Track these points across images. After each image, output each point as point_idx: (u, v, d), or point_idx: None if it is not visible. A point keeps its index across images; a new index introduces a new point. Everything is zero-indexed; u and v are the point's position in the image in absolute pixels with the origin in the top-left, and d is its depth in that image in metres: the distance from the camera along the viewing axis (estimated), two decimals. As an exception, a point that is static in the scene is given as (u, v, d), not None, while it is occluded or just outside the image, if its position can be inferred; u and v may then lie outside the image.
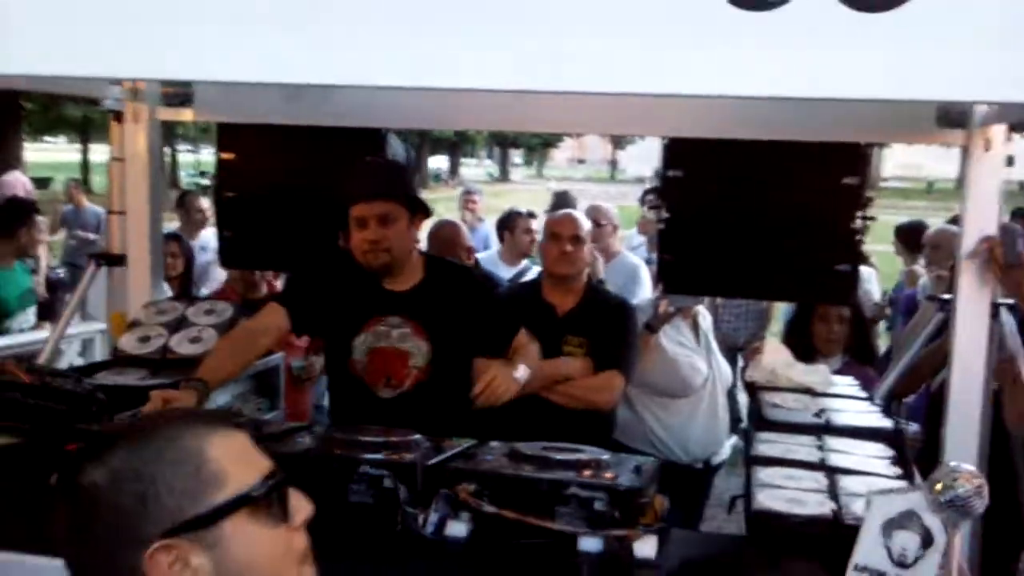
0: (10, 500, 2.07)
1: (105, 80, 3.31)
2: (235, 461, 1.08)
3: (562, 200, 7.04)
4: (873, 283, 5.83)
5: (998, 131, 2.84)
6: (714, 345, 3.90)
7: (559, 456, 2.04)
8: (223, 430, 1.11)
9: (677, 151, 3.41)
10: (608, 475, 1.93)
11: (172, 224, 6.33)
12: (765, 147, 3.17)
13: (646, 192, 6.87)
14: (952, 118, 2.91)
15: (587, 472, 1.95)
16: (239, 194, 3.72)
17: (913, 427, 3.18)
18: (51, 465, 2.13)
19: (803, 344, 3.68)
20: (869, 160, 3.28)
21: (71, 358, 4.34)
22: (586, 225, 3.47)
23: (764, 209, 3.31)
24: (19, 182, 13.33)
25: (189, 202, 6.53)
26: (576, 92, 1.68)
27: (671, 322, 3.72)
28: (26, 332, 4.37)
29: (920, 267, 5.54)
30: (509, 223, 5.59)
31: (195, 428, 1.10)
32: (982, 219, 2.93)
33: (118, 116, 3.69)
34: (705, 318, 3.92)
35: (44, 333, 3.91)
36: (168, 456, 1.06)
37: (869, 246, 3.52)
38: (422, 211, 2.90)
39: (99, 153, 31.72)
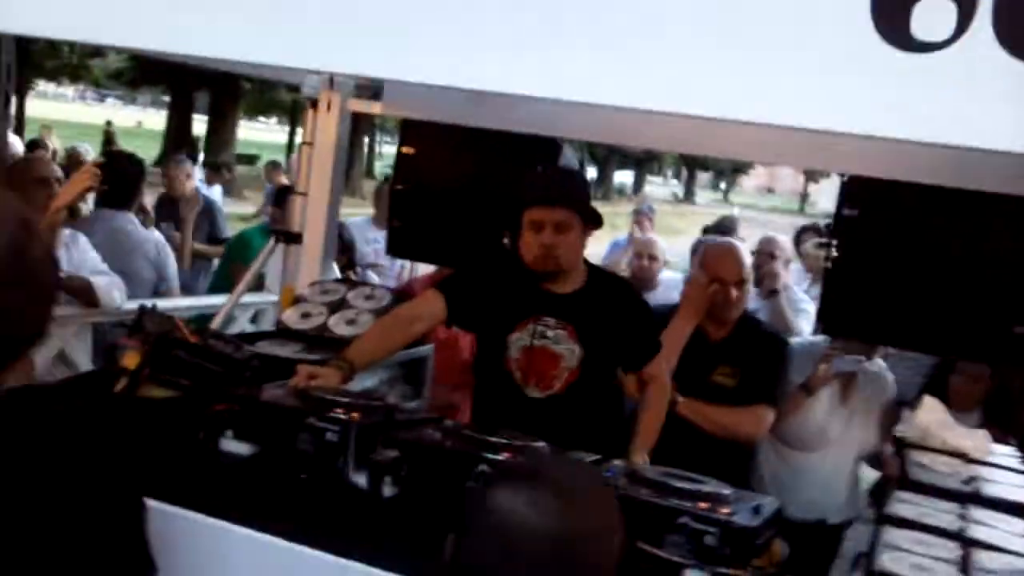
0: (162, 452, 2.22)
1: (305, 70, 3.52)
2: None
3: (724, 225, 6.91)
4: None
5: None
6: (858, 415, 3.62)
7: (678, 484, 2.00)
8: None
9: (856, 189, 3.29)
10: (724, 510, 1.89)
11: (364, 211, 6.62)
12: (949, 194, 3.01)
13: (802, 229, 6.65)
14: None
15: (703, 504, 1.90)
16: (411, 187, 3.86)
17: None
18: (200, 423, 2.30)
19: (938, 397, 3.52)
20: (1063, 218, 3.06)
21: (243, 325, 4.60)
22: (748, 261, 3.39)
23: (942, 259, 3.15)
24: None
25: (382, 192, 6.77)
26: (761, 123, 1.65)
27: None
28: (206, 296, 4.67)
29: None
30: None
31: None
32: None
33: (313, 103, 3.91)
34: (865, 383, 3.62)
35: (222, 299, 4.15)
36: None
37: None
38: (594, 221, 2.92)
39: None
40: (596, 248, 5.79)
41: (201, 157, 19.05)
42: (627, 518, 1.88)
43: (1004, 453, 2.70)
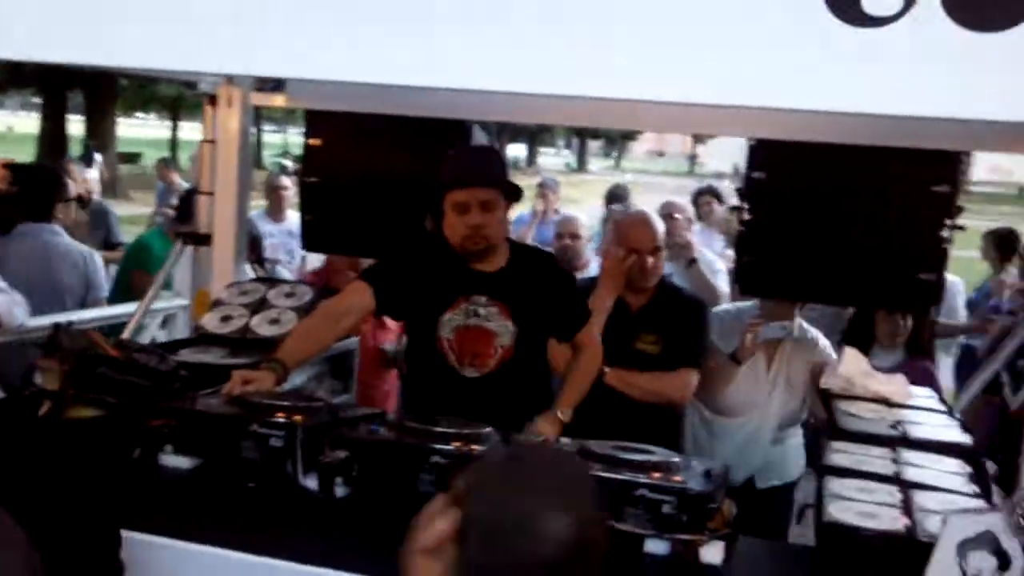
0: (95, 473, 2.15)
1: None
2: None
3: (616, 193, 7.03)
4: (960, 296, 5.59)
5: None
6: (781, 380, 3.64)
7: (629, 456, 2.04)
8: None
9: (762, 152, 3.37)
10: (677, 478, 1.93)
11: (259, 204, 6.42)
12: (852, 152, 3.11)
13: (698, 192, 6.83)
14: (1050, 128, 2.81)
15: (656, 474, 1.94)
16: (322, 179, 3.80)
17: None
18: (134, 440, 2.23)
19: (864, 336, 3.66)
20: (960, 168, 3.20)
21: (153, 332, 4.47)
22: (661, 229, 3.45)
23: (849, 214, 3.25)
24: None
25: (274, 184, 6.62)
26: (667, 102, 1.68)
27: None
28: (113, 306, 4.50)
29: (1010, 276, 5.37)
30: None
31: None
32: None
33: (212, 99, 3.80)
34: (795, 348, 3.63)
35: (131, 307, 4.02)
36: None
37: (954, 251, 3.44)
38: (514, 197, 2.93)
39: (188, 131, 32.54)
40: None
41: (99, 157, 18.24)
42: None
43: (922, 395, 2.83)
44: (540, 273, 2.97)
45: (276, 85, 3.76)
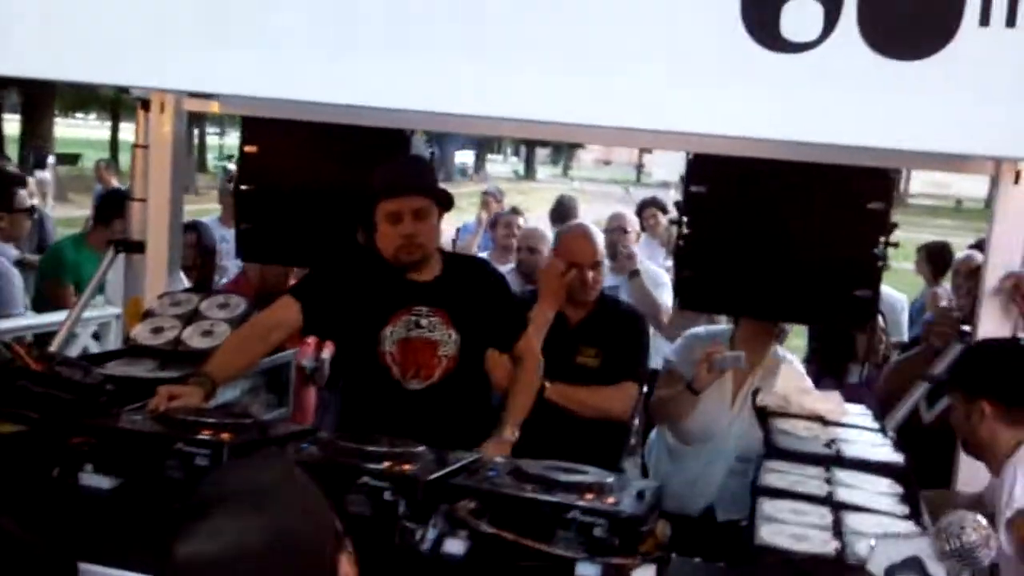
0: (12, 490, 2.07)
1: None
2: None
3: (563, 205, 7.02)
4: (904, 313, 5.57)
5: (1029, 164, 2.79)
6: (747, 409, 3.34)
7: (562, 477, 2.01)
8: None
9: (701, 166, 3.38)
10: (610, 500, 1.91)
11: (203, 208, 6.31)
12: (790, 167, 3.13)
13: (643, 204, 6.86)
14: (982, 149, 2.86)
15: (589, 496, 1.92)
16: (258, 187, 3.73)
17: None
18: (54, 457, 2.15)
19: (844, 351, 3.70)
20: (895, 185, 3.24)
21: (85, 342, 4.35)
22: (601, 243, 3.44)
23: (786, 230, 3.28)
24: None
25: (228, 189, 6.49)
26: (600, 127, 1.67)
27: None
28: (41, 315, 4.38)
29: (943, 290, 5.46)
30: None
31: None
32: (1008, 252, 2.89)
33: (145, 104, 3.71)
34: (757, 380, 3.39)
35: (60, 316, 3.91)
36: None
37: (893, 263, 3.47)
38: (446, 205, 2.90)
39: (129, 132, 31.95)
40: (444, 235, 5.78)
41: (52, 159, 17.83)
42: (518, 518, 1.90)
43: (856, 413, 2.85)
44: (475, 280, 2.97)
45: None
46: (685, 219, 3.42)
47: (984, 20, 1.33)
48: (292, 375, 3.52)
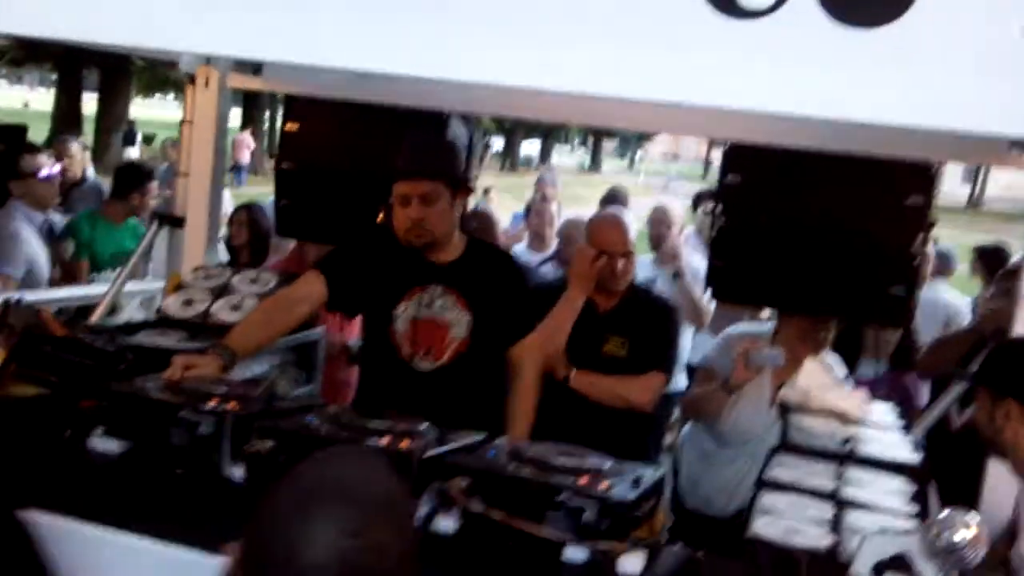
0: (28, 453, 2.13)
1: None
2: None
3: (614, 195, 6.95)
4: (966, 316, 5.39)
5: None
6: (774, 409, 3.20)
7: (559, 461, 2.00)
8: None
9: (737, 157, 3.32)
10: (603, 485, 1.89)
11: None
12: (829, 160, 3.05)
13: (698, 196, 6.74)
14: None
15: (582, 480, 1.90)
16: (298, 165, 3.77)
17: None
18: (67, 420, 2.21)
19: (852, 345, 3.56)
20: (936, 181, 3.14)
21: (131, 314, 4.45)
22: (632, 232, 3.40)
23: (823, 223, 3.20)
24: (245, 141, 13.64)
25: None
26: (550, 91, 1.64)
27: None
28: (84, 287, 4.50)
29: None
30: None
31: None
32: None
33: (191, 79, 3.77)
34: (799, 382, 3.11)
35: (102, 289, 4.00)
36: None
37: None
38: (464, 188, 2.89)
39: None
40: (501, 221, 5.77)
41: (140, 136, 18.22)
42: (509, 498, 1.89)
43: (880, 411, 2.78)
44: (495, 268, 2.94)
45: (255, 68, 3.73)
46: (719, 209, 3.36)
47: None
48: (322, 353, 3.55)
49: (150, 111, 40.05)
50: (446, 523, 1.87)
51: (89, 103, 26.45)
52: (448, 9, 1.68)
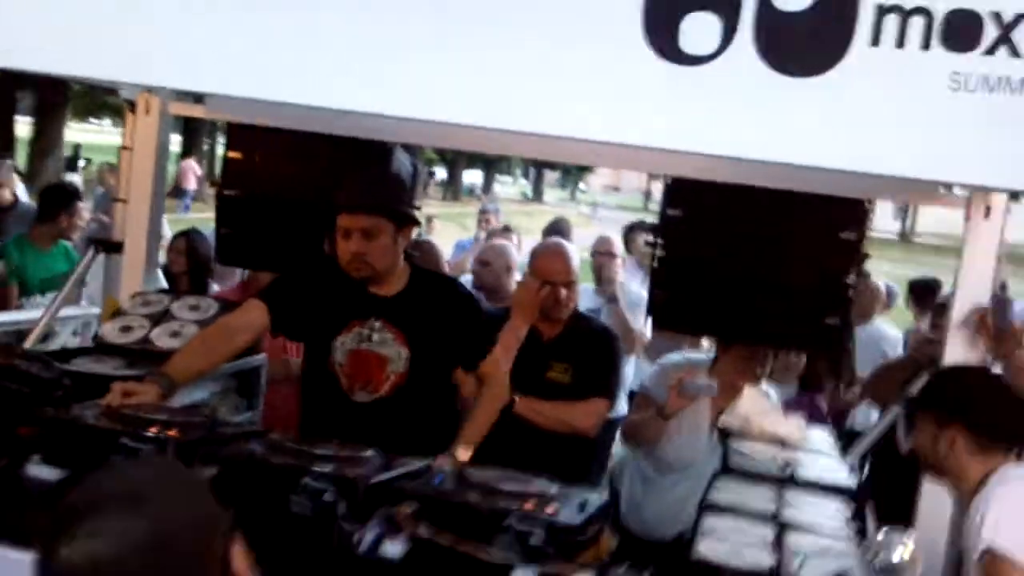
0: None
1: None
2: None
3: (556, 227, 7.03)
4: (899, 348, 5.48)
5: (999, 199, 2.80)
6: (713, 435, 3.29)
7: (505, 486, 2.01)
8: None
9: (678, 191, 3.39)
10: (549, 509, 1.91)
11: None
12: (766, 194, 3.13)
13: (629, 227, 6.87)
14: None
15: (529, 504, 1.92)
16: (240, 193, 3.75)
17: None
18: (3, 448, 2.15)
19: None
20: (868, 216, 3.24)
21: (65, 340, 4.36)
22: (576, 262, 3.44)
23: (760, 255, 3.28)
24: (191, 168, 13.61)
25: None
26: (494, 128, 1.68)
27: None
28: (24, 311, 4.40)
29: (926, 325, 5.44)
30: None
31: None
32: (977, 286, 2.88)
33: (132, 105, 3.74)
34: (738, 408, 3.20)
35: (36, 314, 3.92)
36: None
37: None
38: (409, 222, 2.90)
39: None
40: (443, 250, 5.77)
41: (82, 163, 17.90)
42: (456, 523, 1.90)
43: (818, 437, 2.84)
44: (440, 299, 2.94)
45: (197, 96, 3.71)
46: (660, 241, 3.43)
47: (875, 41, 1.34)
48: (264, 379, 3.52)
49: (85, 135, 39.32)
50: (393, 548, 1.87)
51: (23, 126, 25.91)
52: (390, 47, 1.71)
